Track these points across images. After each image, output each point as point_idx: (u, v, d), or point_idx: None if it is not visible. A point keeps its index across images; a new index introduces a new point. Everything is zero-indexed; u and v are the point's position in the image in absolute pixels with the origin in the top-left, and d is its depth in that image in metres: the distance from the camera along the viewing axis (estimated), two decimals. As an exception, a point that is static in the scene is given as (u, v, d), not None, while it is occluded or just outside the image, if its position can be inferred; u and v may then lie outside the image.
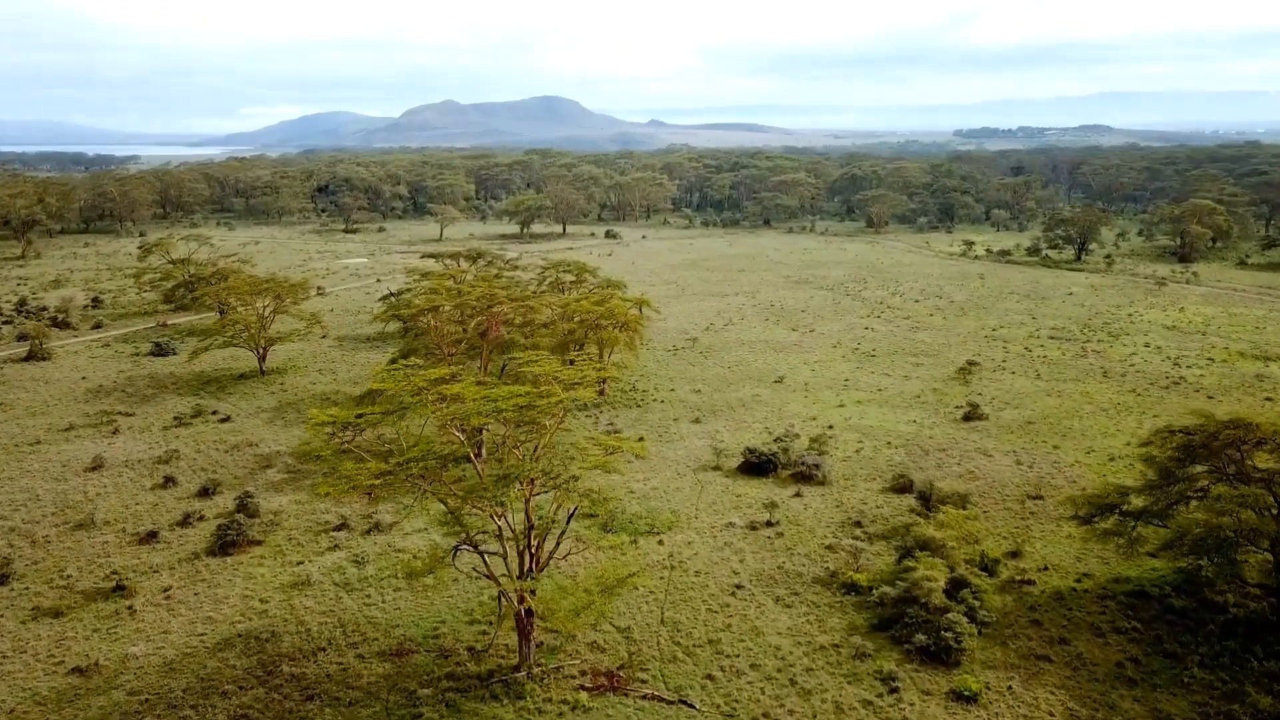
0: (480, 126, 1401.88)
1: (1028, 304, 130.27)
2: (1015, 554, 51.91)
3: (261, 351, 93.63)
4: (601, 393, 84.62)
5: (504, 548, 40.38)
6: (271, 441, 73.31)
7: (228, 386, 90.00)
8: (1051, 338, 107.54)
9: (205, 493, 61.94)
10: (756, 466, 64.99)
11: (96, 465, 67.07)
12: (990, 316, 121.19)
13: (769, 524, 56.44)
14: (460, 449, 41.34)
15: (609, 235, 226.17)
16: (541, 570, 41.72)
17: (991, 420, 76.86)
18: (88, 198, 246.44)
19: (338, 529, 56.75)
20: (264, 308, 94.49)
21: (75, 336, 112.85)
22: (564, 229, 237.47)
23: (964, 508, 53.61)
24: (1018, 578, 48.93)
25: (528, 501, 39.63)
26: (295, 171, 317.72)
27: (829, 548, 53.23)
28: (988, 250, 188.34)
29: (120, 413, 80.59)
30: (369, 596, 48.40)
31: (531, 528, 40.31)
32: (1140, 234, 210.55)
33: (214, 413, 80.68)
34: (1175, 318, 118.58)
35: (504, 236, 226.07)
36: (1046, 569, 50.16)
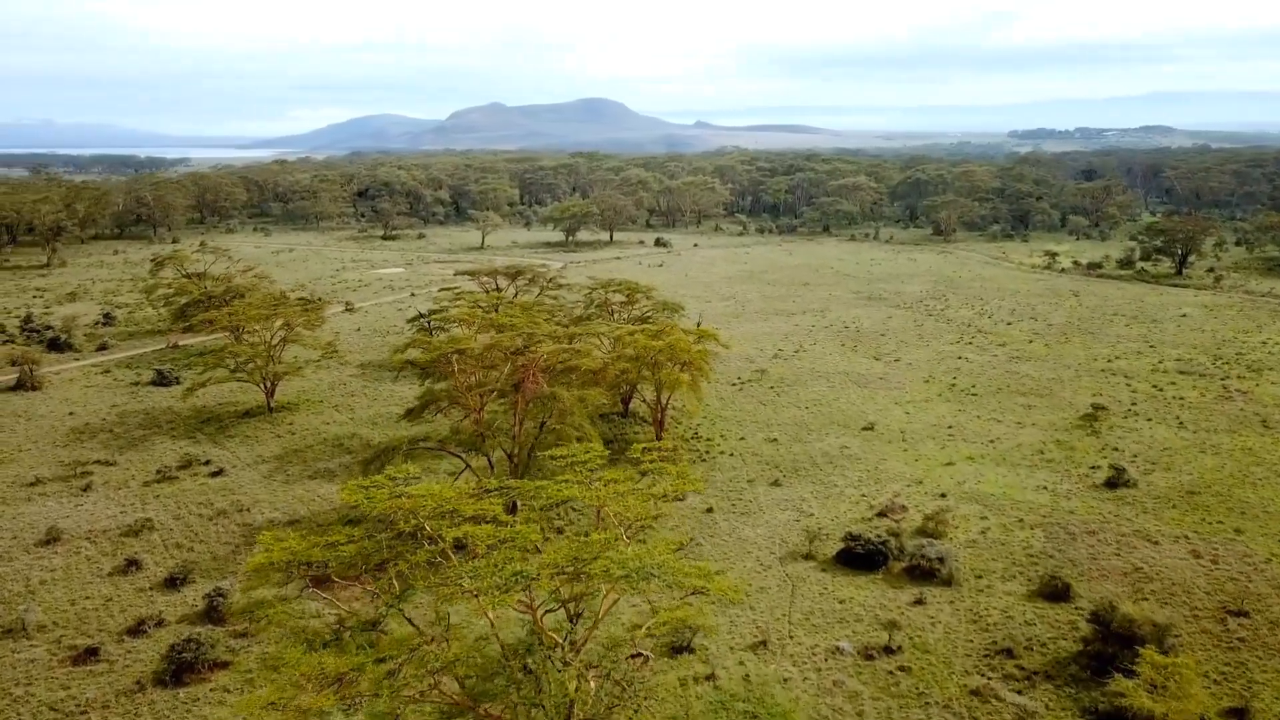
0: (524, 129, 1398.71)
1: (1138, 328, 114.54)
2: (1240, 714, 37.72)
3: (269, 386, 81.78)
4: (659, 439, 71.34)
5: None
6: (266, 505, 61.09)
7: (229, 427, 78.21)
8: (1181, 372, 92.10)
9: (172, 583, 49.75)
10: (861, 558, 51.27)
11: (51, 538, 55.29)
12: (1099, 344, 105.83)
13: (888, 650, 42.73)
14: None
15: (659, 243, 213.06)
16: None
17: (1142, 488, 62.23)
18: (123, 203, 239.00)
19: (328, 645, 43.96)
20: (272, 336, 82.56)
21: (76, 360, 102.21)
22: (611, 236, 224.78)
23: (1164, 647, 39.34)
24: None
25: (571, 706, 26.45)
26: (335, 175, 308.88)
27: (975, 694, 39.41)
28: (1075, 262, 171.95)
29: (99, 462, 69.00)
30: (357, 764, 35.65)
31: None
32: (1239, 243, 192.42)
33: (205, 463, 68.76)
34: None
35: (548, 244, 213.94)
36: (1292, 741, 35.99)
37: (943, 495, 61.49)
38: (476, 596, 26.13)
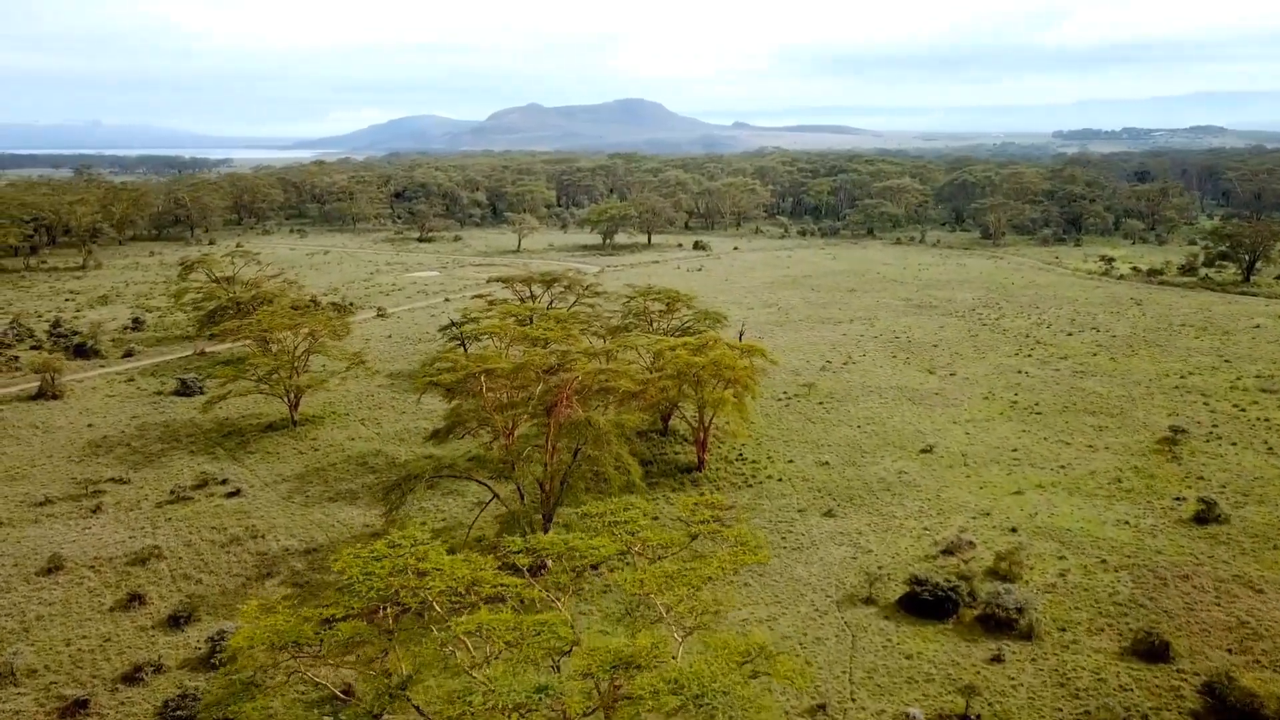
0: (562, 130, 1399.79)
1: (1209, 340, 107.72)
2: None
3: (293, 398, 78.18)
4: (701, 463, 66.72)
5: None
6: (282, 531, 57.26)
7: (250, 441, 74.68)
8: (1264, 390, 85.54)
9: (175, 622, 45.96)
10: (929, 605, 46.20)
11: (54, 566, 51.83)
12: (1169, 357, 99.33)
13: (967, 720, 37.73)
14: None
15: (697, 246, 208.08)
16: None
17: (1235, 524, 56.44)
18: (161, 204, 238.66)
19: (339, 698, 39.90)
20: (295, 345, 78.96)
21: (101, 367, 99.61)
22: (649, 239, 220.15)
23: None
24: None
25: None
26: (371, 176, 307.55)
27: (1071, 776, 34.30)
28: (1133, 269, 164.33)
29: (113, 479, 65.66)
30: None
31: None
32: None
33: (222, 482, 65.14)
34: None
35: (585, 247, 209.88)
36: None
37: (1013, 530, 56.13)
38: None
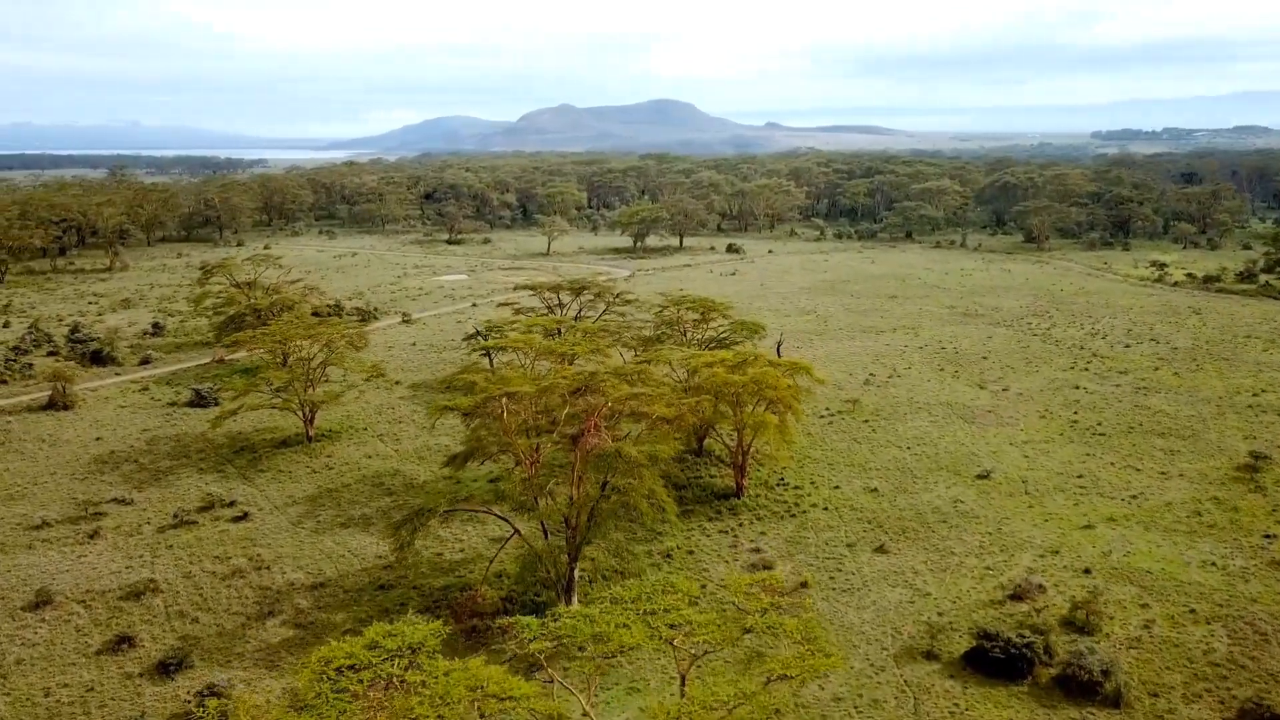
0: (594, 130, 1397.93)
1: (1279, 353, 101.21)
2: None
3: (308, 413, 74.33)
4: (740, 489, 61.93)
5: None
6: (289, 562, 53.22)
7: (262, 459, 70.89)
8: (1347, 411, 79.31)
9: (165, 669, 41.93)
10: (999, 663, 41.11)
11: (42, 600, 48.09)
12: (1238, 372, 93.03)
13: (1053, 810, 32.68)
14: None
15: (731, 249, 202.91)
16: None
17: (1337, 568, 50.76)
18: (190, 205, 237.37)
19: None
20: (311, 357, 75.09)
21: (117, 375, 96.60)
22: (681, 242, 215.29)
23: None
24: None
25: None
26: (401, 177, 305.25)
27: None
28: (1187, 275, 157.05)
29: (115, 500, 62.07)
30: None
31: None
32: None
33: (229, 504, 61.31)
34: None
35: (615, 250, 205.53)
36: None
37: (1086, 571, 50.82)
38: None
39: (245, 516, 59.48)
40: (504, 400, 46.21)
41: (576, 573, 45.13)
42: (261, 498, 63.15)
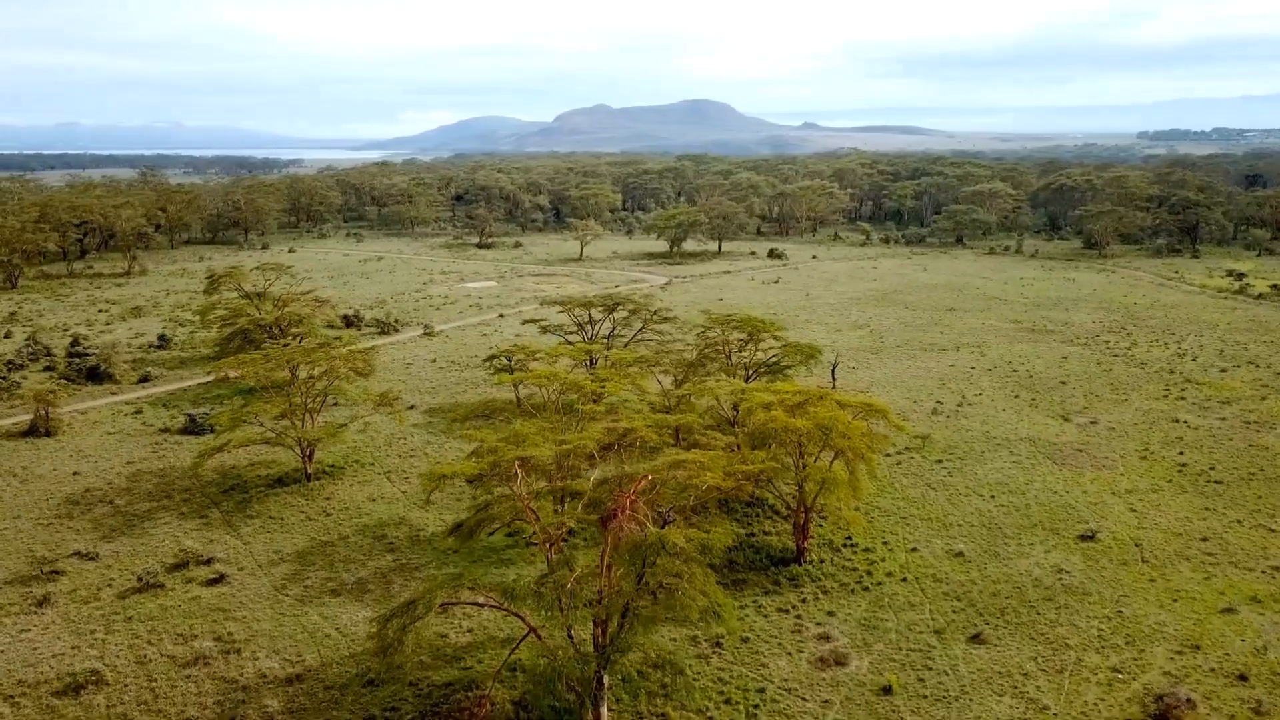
0: (629, 131, 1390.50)
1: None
2: None
3: (306, 449, 65.85)
4: (801, 553, 52.47)
5: None
6: (264, 643, 44.56)
7: (253, 501, 62.52)
8: None
9: (88, 805, 33.39)
10: (1161, 827, 31.38)
11: (-38, 695, 39.84)
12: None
13: None
14: None
15: (772, 255, 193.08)
16: None
17: None
18: (216, 206, 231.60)
19: None
20: (309, 387, 66.53)
21: (111, 394, 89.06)
22: (719, 247, 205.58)
23: None
24: None
25: None
26: (432, 179, 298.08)
27: None
28: (1272, 286, 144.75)
29: (78, 554, 53.89)
30: None
31: None
32: None
33: (206, 562, 52.88)
34: None
35: (650, 255, 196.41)
36: None
37: (1242, 678, 40.81)
38: None
39: (221, 579, 50.97)
40: (517, 465, 37.24)
41: (607, 679, 35.99)
42: (244, 553, 54.68)
